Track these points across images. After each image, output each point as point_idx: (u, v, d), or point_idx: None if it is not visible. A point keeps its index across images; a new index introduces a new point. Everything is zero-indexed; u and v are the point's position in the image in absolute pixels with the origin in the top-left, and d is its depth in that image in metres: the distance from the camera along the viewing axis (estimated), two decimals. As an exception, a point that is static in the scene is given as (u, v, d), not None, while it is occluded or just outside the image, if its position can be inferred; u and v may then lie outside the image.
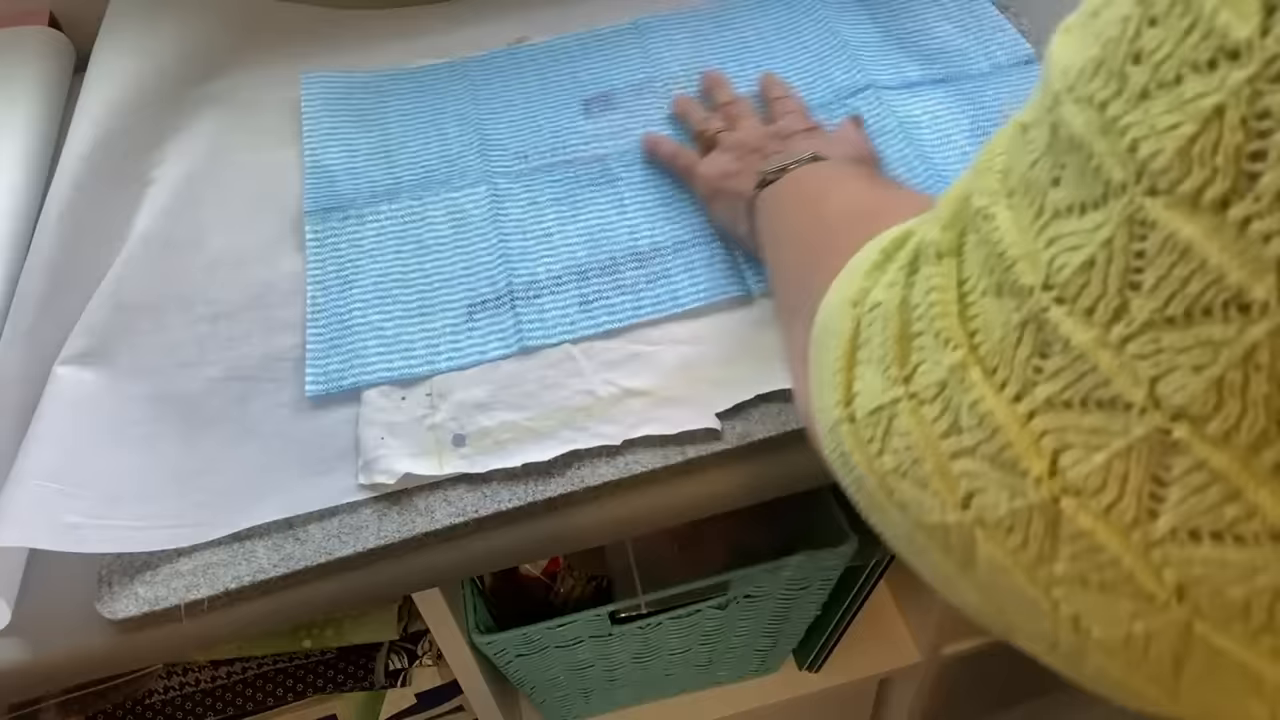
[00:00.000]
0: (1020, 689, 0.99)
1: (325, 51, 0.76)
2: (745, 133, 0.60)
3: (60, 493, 0.46)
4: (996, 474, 0.22)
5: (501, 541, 0.49)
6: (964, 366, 0.23)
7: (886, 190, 0.45)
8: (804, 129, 0.58)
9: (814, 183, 0.48)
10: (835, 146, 0.56)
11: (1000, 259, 0.22)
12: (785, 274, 0.43)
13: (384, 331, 0.55)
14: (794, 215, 0.47)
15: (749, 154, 0.57)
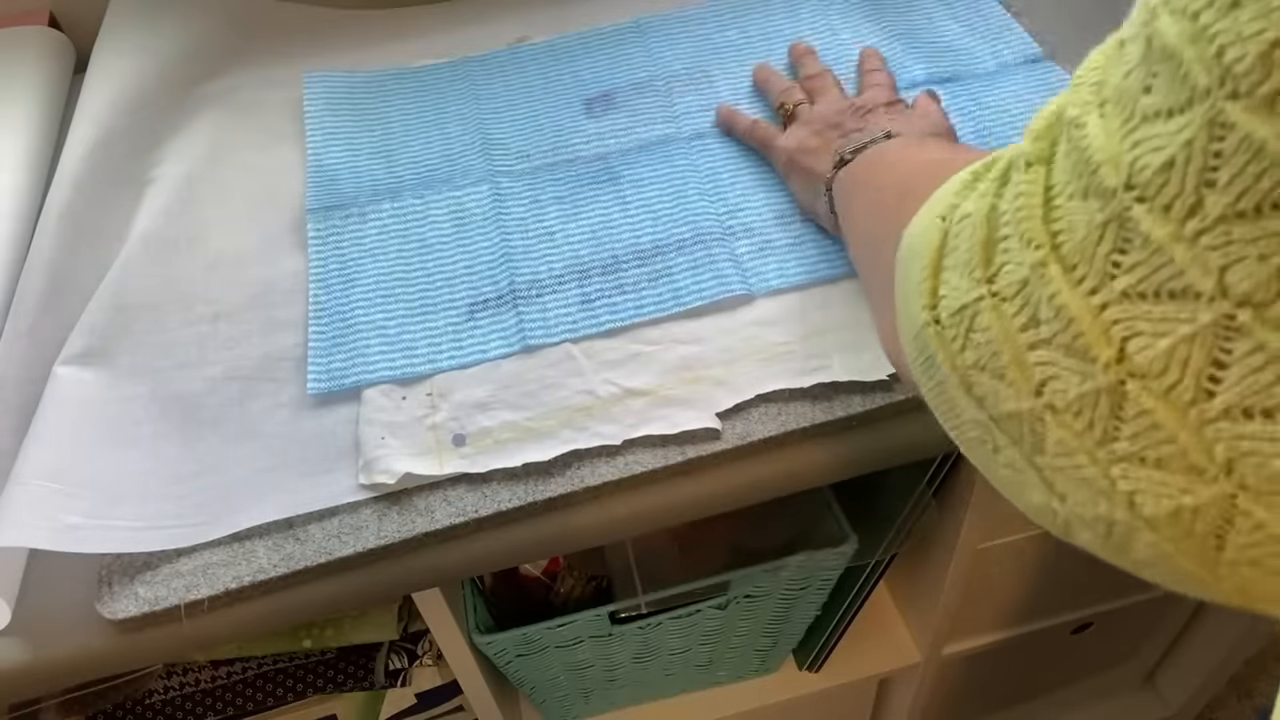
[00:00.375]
0: (1020, 689, 0.99)
1: (326, 51, 0.76)
2: (825, 106, 0.60)
3: (60, 493, 0.46)
4: (1069, 361, 0.24)
5: (501, 541, 0.49)
6: (1044, 264, 0.24)
7: (966, 150, 0.46)
8: (885, 103, 0.58)
9: (891, 156, 0.49)
10: (914, 122, 0.56)
11: (1087, 164, 0.23)
12: (866, 241, 0.44)
13: (386, 330, 0.55)
14: (873, 188, 0.47)
15: (828, 129, 0.57)
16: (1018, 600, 0.80)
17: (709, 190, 0.62)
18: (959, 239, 0.29)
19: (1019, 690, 0.99)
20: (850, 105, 0.59)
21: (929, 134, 0.55)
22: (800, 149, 0.58)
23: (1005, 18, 0.72)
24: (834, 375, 0.51)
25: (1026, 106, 0.65)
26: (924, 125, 0.56)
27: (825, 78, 0.64)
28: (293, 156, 0.66)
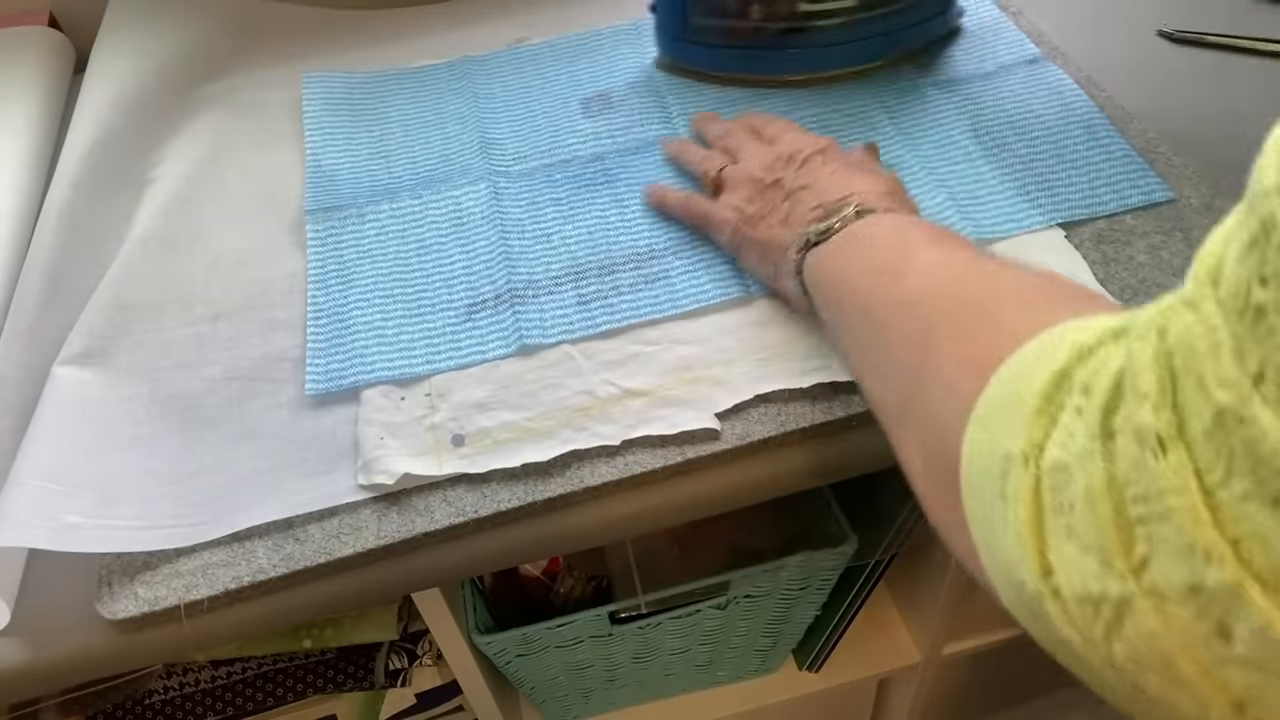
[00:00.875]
0: (1020, 689, 0.99)
1: (325, 51, 0.76)
2: (750, 162, 0.56)
3: (59, 493, 0.46)
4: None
5: (501, 541, 0.49)
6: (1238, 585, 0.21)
7: (972, 263, 0.40)
8: (815, 149, 0.55)
9: (878, 249, 0.45)
10: (868, 181, 0.51)
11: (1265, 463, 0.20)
12: (872, 359, 0.42)
13: (384, 331, 0.55)
14: (866, 289, 0.43)
15: (766, 190, 0.54)
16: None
17: (708, 190, 0.62)
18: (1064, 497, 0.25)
19: (1019, 690, 0.99)
20: (777, 155, 0.55)
21: (897, 202, 0.50)
22: (743, 220, 0.54)
23: (1002, 18, 0.72)
24: (833, 375, 0.51)
25: (1024, 107, 0.65)
26: (876, 185, 0.51)
27: (736, 134, 0.60)
28: (292, 157, 0.67)
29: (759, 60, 0.67)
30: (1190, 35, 0.70)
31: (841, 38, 0.65)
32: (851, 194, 0.49)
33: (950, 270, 0.40)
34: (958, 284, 0.38)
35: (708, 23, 0.66)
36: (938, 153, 0.62)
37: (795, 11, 0.64)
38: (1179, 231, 0.56)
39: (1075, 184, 0.59)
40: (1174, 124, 0.63)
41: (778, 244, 0.51)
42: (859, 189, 0.50)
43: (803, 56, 0.67)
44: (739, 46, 0.67)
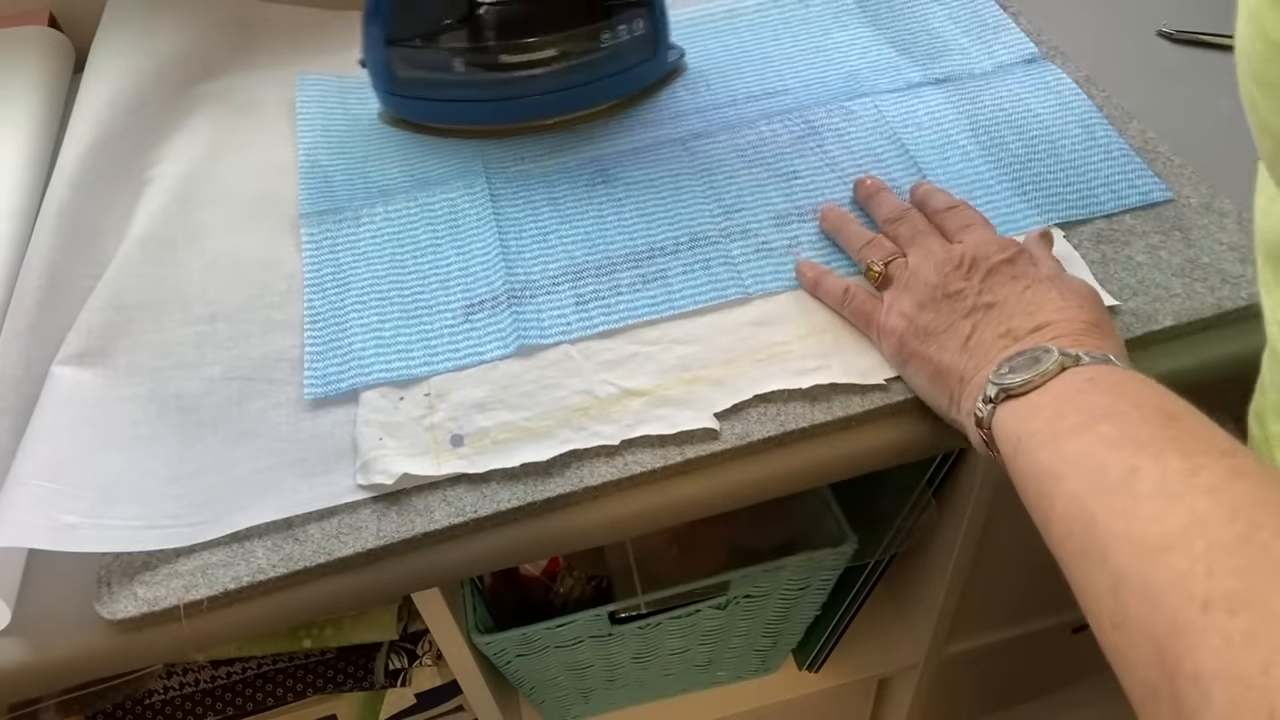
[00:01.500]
0: (1020, 689, 0.99)
1: (323, 52, 0.76)
2: (925, 260, 0.50)
3: (59, 493, 0.46)
4: None
5: (501, 541, 0.49)
6: None
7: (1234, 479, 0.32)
8: (1003, 257, 0.48)
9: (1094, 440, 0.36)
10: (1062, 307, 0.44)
11: None
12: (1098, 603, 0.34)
13: (381, 333, 0.55)
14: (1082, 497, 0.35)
15: (943, 300, 0.47)
16: (1018, 600, 0.80)
17: (704, 192, 0.62)
18: None
19: (1019, 690, 0.99)
20: (958, 259, 0.48)
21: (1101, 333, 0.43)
22: (913, 331, 0.48)
23: (1001, 17, 0.72)
24: (832, 377, 0.51)
25: (1022, 107, 0.65)
26: (1078, 310, 0.44)
27: (913, 220, 0.53)
28: (290, 157, 0.67)
29: (470, 111, 0.67)
30: (1190, 35, 0.70)
31: (550, 85, 0.65)
32: (1048, 323, 0.44)
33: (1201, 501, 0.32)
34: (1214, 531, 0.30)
35: (413, 76, 0.65)
36: (935, 153, 0.62)
37: (497, 63, 0.64)
38: (1178, 231, 0.56)
39: (1073, 184, 0.59)
40: (1174, 124, 0.63)
41: (955, 373, 0.45)
42: (1056, 316, 0.44)
43: (514, 106, 0.66)
44: (447, 100, 0.66)
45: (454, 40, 0.64)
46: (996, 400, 0.42)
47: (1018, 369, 0.41)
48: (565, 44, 0.63)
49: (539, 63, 0.63)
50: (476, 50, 0.64)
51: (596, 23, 0.63)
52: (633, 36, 0.65)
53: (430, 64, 0.65)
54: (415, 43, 0.64)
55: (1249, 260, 0.54)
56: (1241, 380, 0.53)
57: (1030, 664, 0.93)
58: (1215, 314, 0.52)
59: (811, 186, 0.61)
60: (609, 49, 0.64)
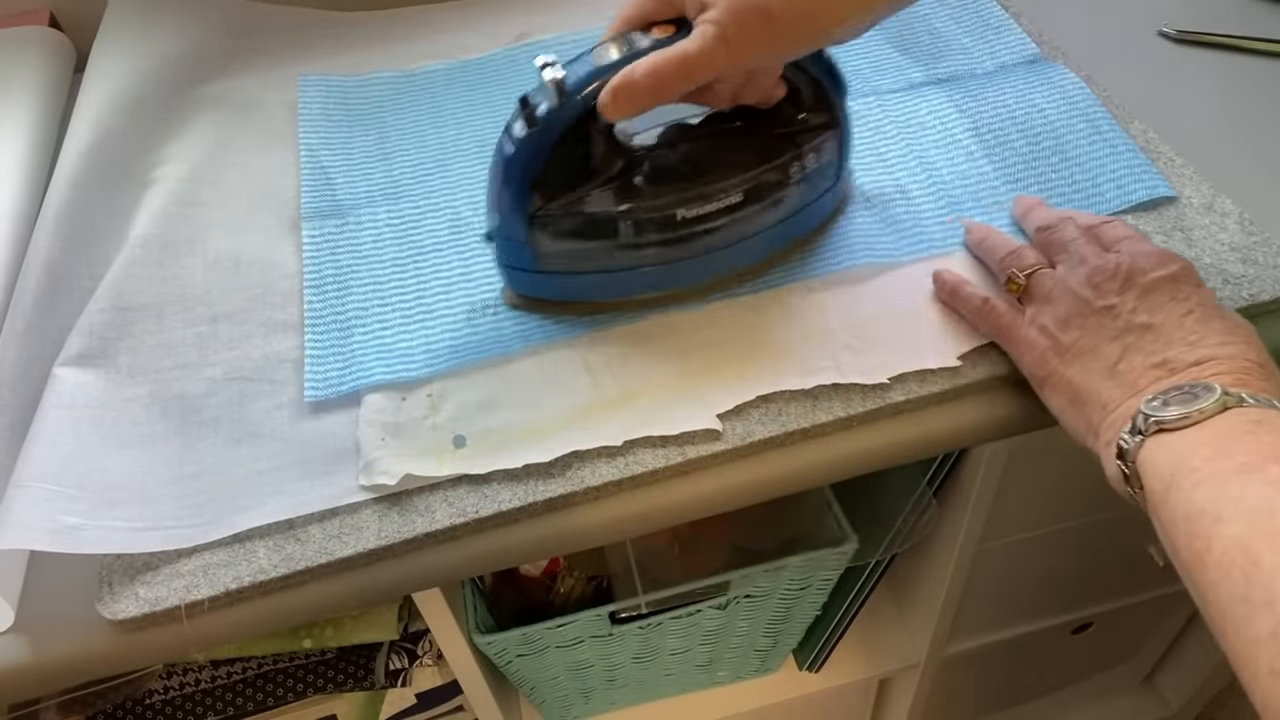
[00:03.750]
0: (1020, 689, 0.99)
1: (324, 52, 0.76)
2: (1075, 269, 0.46)
3: (60, 494, 0.46)
4: None
5: (501, 541, 0.49)
6: None
7: None
8: (1165, 273, 0.44)
9: (1270, 487, 0.34)
10: (1228, 341, 0.41)
11: None
12: (1265, 654, 0.31)
13: (383, 337, 0.55)
14: (1258, 545, 0.33)
15: (1091, 315, 0.44)
16: (1018, 600, 0.80)
17: (708, 191, 0.61)
18: None
19: (1019, 690, 0.99)
20: (1112, 270, 0.44)
21: (1267, 374, 0.40)
22: (1055, 349, 0.44)
23: (1004, 17, 0.72)
24: (834, 377, 0.51)
25: (1027, 106, 0.65)
26: (1245, 347, 0.41)
27: (1067, 228, 0.50)
28: (292, 157, 0.66)
29: (632, 281, 0.54)
30: (1190, 35, 0.70)
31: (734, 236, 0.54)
32: (1211, 357, 0.40)
33: None
34: None
35: (563, 249, 0.53)
36: (939, 152, 0.62)
37: (674, 220, 0.52)
38: (1179, 231, 0.56)
39: (1078, 183, 0.59)
40: (1174, 124, 0.63)
41: (1099, 399, 0.42)
42: (1219, 351, 0.40)
43: (686, 269, 0.54)
44: (604, 272, 0.54)
45: (613, 200, 0.51)
46: (1146, 432, 0.38)
47: (1173, 402, 0.38)
48: (750, 185, 0.52)
49: (722, 212, 0.52)
50: (645, 208, 0.51)
51: (785, 155, 0.53)
52: (820, 164, 0.54)
53: (587, 233, 0.52)
54: (566, 209, 0.51)
55: (1250, 260, 0.54)
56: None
57: (1030, 664, 0.93)
58: (1216, 314, 0.52)
59: None
60: (798, 183, 0.54)
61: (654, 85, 0.44)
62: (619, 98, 0.45)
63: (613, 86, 0.45)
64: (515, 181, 0.50)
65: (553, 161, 0.49)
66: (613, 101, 0.45)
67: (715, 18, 0.43)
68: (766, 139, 0.53)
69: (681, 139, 0.54)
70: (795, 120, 0.53)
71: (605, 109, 0.46)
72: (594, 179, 0.51)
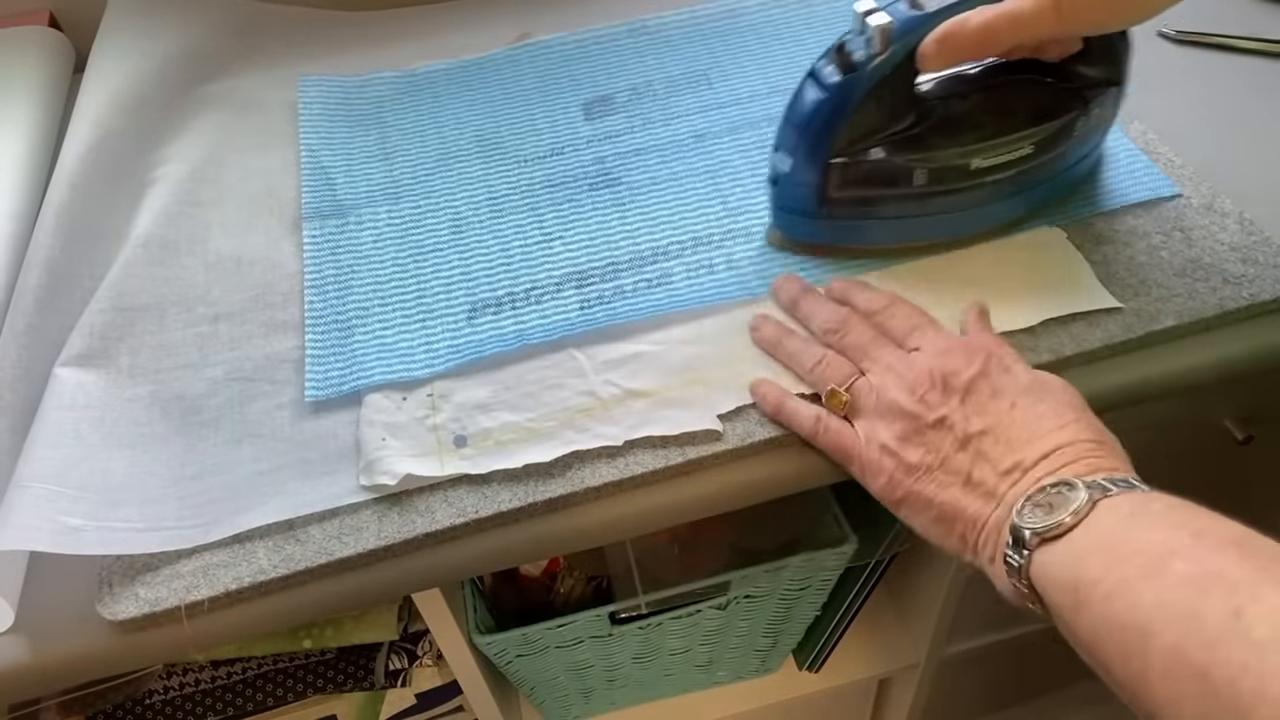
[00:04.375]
0: (1020, 689, 0.99)
1: (325, 52, 0.76)
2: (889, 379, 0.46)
3: (61, 495, 0.46)
4: None
5: (501, 542, 0.49)
6: None
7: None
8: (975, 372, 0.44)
9: (1180, 588, 0.33)
10: (1062, 426, 0.42)
11: None
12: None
13: (383, 337, 0.55)
14: (1201, 658, 0.31)
15: (927, 430, 0.44)
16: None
17: (708, 194, 0.62)
18: None
19: (1019, 690, 0.99)
20: (928, 379, 0.45)
21: (1106, 449, 0.41)
22: (904, 468, 0.44)
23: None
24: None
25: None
26: (1079, 428, 0.42)
27: (857, 328, 0.49)
28: (292, 157, 0.66)
29: (914, 228, 0.55)
30: (1190, 35, 0.70)
31: (1017, 187, 0.54)
32: (1055, 447, 0.41)
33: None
34: None
35: (852, 195, 0.53)
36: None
37: (967, 170, 0.52)
38: (1179, 232, 0.56)
39: (1078, 183, 0.59)
40: (1174, 124, 0.63)
41: (965, 515, 0.42)
42: (1061, 438, 0.41)
43: (968, 218, 0.55)
44: (890, 218, 0.54)
45: (908, 149, 0.51)
46: (1031, 546, 0.38)
47: (1042, 509, 0.38)
48: (1039, 138, 0.52)
49: (1012, 164, 0.52)
50: (940, 157, 0.51)
51: (1071, 109, 0.53)
52: (1100, 117, 0.55)
53: (882, 179, 0.52)
54: (860, 156, 0.51)
55: (1250, 260, 0.54)
56: (1243, 380, 0.53)
57: (1030, 664, 0.93)
58: (1217, 314, 0.52)
59: None
60: (1080, 136, 0.54)
61: (982, 39, 0.45)
62: (945, 48, 0.45)
63: (940, 37, 0.46)
64: (819, 128, 0.50)
65: (860, 109, 0.50)
66: (938, 52, 0.46)
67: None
68: (1054, 91, 0.54)
69: (969, 89, 0.54)
70: (1080, 75, 0.54)
71: (927, 58, 0.46)
72: (889, 128, 0.51)
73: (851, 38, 0.49)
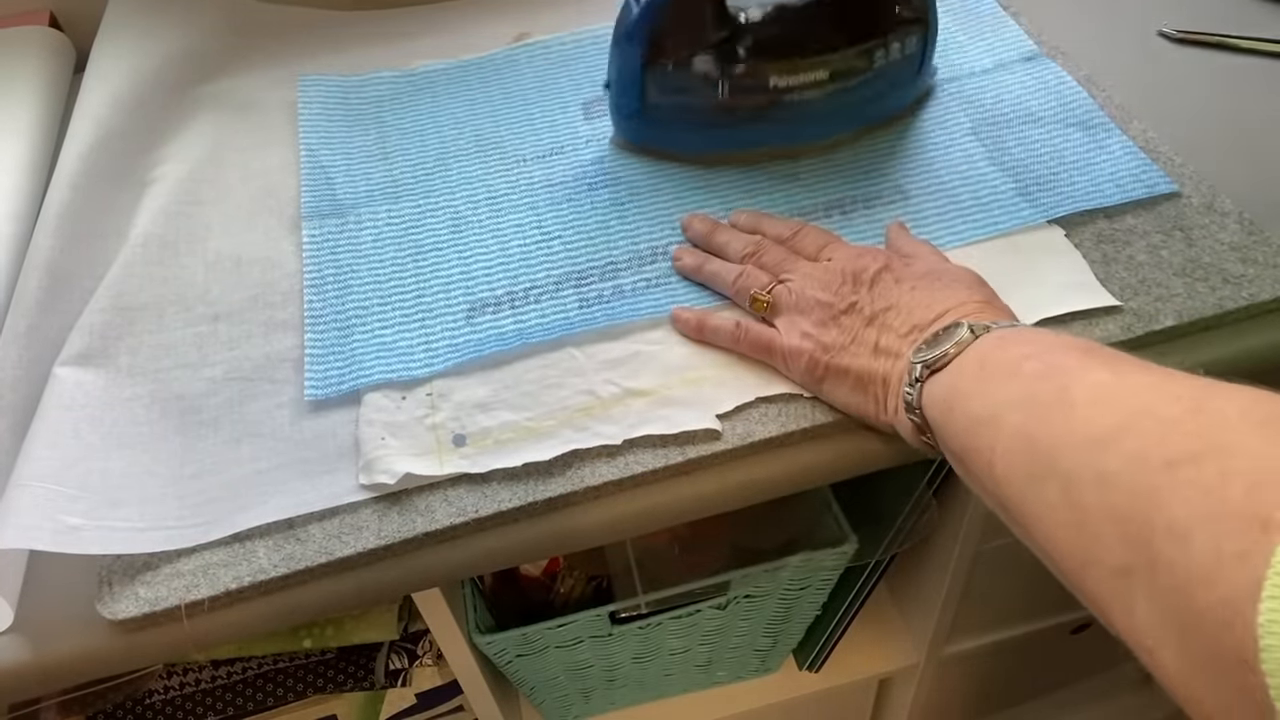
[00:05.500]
0: (1020, 689, 0.99)
1: (324, 52, 0.76)
2: (806, 280, 0.51)
3: (61, 494, 0.46)
4: None
5: (501, 541, 0.49)
6: None
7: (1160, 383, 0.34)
8: (879, 266, 0.50)
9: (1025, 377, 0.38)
10: (955, 294, 0.47)
11: None
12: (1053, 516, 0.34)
13: (383, 336, 0.55)
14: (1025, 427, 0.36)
15: (840, 315, 0.49)
16: (1018, 600, 0.80)
17: (706, 193, 0.62)
18: None
19: (1019, 690, 0.99)
20: (840, 275, 0.50)
21: (996, 309, 0.46)
22: (822, 347, 0.48)
23: (1001, 15, 0.72)
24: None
25: (1025, 103, 0.65)
26: (970, 293, 0.47)
27: (771, 249, 0.54)
28: (292, 157, 0.66)
29: (722, 138, 0.62)
30: (1190, 35, 0.70)
31: (817, 111, 0.60)
32: (946, 309, 0.46)
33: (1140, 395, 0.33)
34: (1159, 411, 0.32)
35: (668, 101, 0.60)
36: (938, 151, 0.62)
37: (766, 87, 0.58)
38: (1179, 231, 0.56)
39: (1077, 179, 0.59)
40: (1174, 124, 0.63)
41: (875, 375, 0.46)
42: (952, 301, 0.46)
43: (772, 131, 0.61)
44: (701, 126, 0.61)
45: (717, 62, 0.58)
46: (922, 379, 0.43)
47: (931, 345, 0.43)
48: (838, 64, 0.58)
49: (809, 85, 0.58)
50: (744, 72, 0.58)
51: (871, 40, 0.59)
52: (904, 56, 0.60)
53: (691, 88, 0.59)
54: (675, 64, 0.58)
55: (1250, 260, 0.54)
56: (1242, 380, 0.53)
57: (1030, 664, 0.93)
58: (1216, 314, 0.52)
59: (814, 187, 0.61)
60: (879, 69, 0.59)
61: None
62: None
63: None
64: (633, 35, 0.57)
65: (669, 19, 0.56)
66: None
67: None
68: (859, 24, 0.59)
69: (784, 15, 0.58)
70: (890, 11, 0.59)
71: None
72: (702, 41, 0.57)
73: None
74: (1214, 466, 0.28)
